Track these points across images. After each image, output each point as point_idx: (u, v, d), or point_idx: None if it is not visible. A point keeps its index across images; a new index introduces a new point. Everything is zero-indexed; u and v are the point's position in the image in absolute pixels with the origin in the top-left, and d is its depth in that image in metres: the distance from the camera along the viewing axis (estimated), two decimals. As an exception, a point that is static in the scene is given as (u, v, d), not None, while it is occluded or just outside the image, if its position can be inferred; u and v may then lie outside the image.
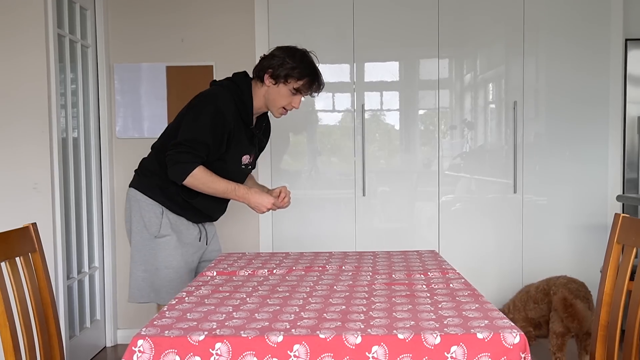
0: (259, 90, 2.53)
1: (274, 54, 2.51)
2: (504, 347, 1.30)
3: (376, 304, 1.60)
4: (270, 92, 2.51)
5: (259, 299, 1.69)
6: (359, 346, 1.30)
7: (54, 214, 3.23)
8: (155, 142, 2.67)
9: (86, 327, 3.78)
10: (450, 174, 4.08)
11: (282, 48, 2.53)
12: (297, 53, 2.51)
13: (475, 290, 1.73)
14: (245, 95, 2.51)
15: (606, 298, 1.99)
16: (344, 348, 1.31)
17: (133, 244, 2.62)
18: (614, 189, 4.02)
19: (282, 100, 2.52)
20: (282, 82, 2.48)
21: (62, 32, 3.42)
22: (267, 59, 2.51)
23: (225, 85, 2.54)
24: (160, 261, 2.55)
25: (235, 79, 2.56)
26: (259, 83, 2.53)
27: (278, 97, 2.51)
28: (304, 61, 2.50)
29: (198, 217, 2.64)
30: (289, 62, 2.46)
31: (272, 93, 2.51)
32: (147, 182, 2.61)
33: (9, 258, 1.84)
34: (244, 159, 2.58)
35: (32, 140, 3.20)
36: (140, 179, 2.65)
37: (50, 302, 2.00)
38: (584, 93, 4.01)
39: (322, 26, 3.99)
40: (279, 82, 2.48)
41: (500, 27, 4.02)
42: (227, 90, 2.50)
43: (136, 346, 1.33)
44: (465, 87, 4.09)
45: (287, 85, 2.48)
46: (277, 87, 2.49)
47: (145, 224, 2.56)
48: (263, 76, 2.50)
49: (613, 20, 3.97)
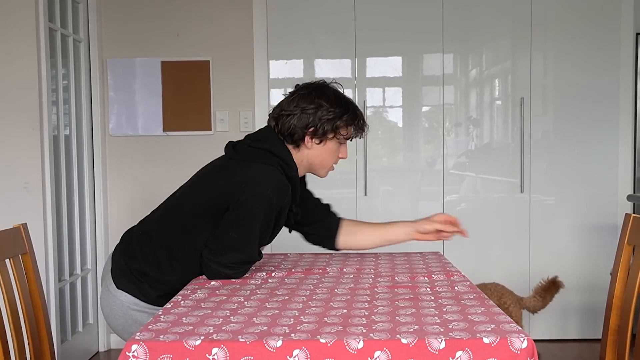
0: (296, 156, 2.10)
1: (303, 108, 2.04)
2: (511, 352, 1.29)
3: (378, 307, 1.60)
4: (316, 155, 2.09)
5: (257, 302, 1.68)
6: (360, 351, 1.30)
7: (45, 214, 3.23)
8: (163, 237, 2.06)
9: (78, 331, 3.78)
10: (455, 173, 4.07)
11: (306, 95, 2.06)
12: (329, 92, 2.08)
13: (481, 294, 1.72)
14: (292, 168, 2.06)
15: (616, 301, 1.99)
16: (345, 353, 1.30)
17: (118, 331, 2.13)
18: (625, 188, 4.01)
19: (332, 158, 2.13)
20: (331, 138, 2.07)
21: (53, 26, 3.42)
22: (297, 116, 2.04)
23: (275, 163, 2.02)
24: None
25: (276, 151, 2.05)
26: (290, 147, 2.09)
27: (327, 156, 2.11)
28: (342, 100, 2.08)
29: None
30: (331, 109, 2.03)
31: (318, 155, 2.10)
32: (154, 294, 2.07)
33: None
34: None
35: (22, 138, 3.20)
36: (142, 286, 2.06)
37: (41, 306, 2.00)
38: (593, 89, 4.00)
39: (323, 20, 3.99)
40: (326, 138, 2.07)
41: (507, 21, 4.02)
42: (278, 169, 2.02)
43: (130, 351, 1.33)
44: (470, 83, 4.09)
45: (336, 138, 2.08)
46: (323, 145, 2.08)
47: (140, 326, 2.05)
48: (300, 139, 2.06)
49: (623, 13, 3.96)
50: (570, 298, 4.08)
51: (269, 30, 3.98)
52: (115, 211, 4.03)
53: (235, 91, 3.99)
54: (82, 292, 3.84)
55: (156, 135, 4.02)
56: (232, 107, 4.00)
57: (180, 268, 2.03)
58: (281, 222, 2.12)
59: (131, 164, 4.04)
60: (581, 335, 4.10)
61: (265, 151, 2.04)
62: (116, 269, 2.10)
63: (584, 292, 4.07)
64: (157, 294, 2.05)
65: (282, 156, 2.04)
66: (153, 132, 4.02)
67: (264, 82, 4.00)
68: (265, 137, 2.09)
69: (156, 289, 2.05)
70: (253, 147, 2.07)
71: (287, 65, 4.05)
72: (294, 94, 2.09)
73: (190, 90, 3.99)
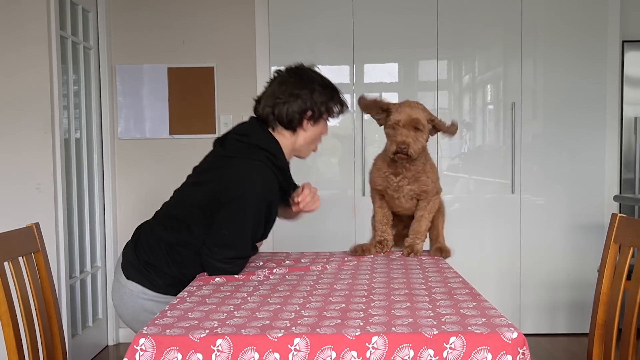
0: (288, 141, 2.10)
1: (298, 94, 2.05)
2: (503, 341, 1.30)
3: (375, 302, 1.60)
4: (309, 135, 2.11)
5: (260, 297, 1.69)
6: (359, 337, 1.31)
7: (56, 214, 3.23)
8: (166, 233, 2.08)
9: (88, 326, 3.79)
10: (449, 175, 4.08)
11: (297, 82, 2.07)
12: (315, 75, 2.10)
13: (473, 289, 1.73)
14: (279, 159, 2.05)
15: (603, 297, 1.99)
16: (344, 340, 1.31)
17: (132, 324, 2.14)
18: (611, 189, 4.02)
19: (318, 137, 2.16)
20: (324, 118, 2.11)
21: (64, 34, 3.43)
22: (291, 102, 2.04)
23: (262, 157, 2.01)
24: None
25: (262, 144, 2.04)
26: (285, 132, 2.09)
27: (315, 136, 2.13)
28: (325, 80, 2.12)
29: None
30: (323, 91, 2.08)
31: (310, 135, 2.11)
32: (162, 282, 2.08)
33: (12, 258, 1.84)
34: None
35: (34, 141, 3.20)
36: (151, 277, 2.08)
37: (52, 301, 2.00)
38: (581, 94, 4.01)
39: (322, 27, 4.00)
40: (321, 119, 2.10)
41: (499, 29, 4.02)
42: (266, 163, 2.01)
43: (138, 344, 1.33)
44: (463, 89, 4.09)
45: (329, 117, 2.13)
46: (317, 126, 2.11)
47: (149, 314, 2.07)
48: (299, 123, 2.07)
49: (610, 22, 3.97)
50: (559, 294, 4.08)
51: (271, 38, 3.98)
52: (123, 211, 4.04)
53: (238, 96, 3.99)
54: (92, 289, 3.85)
55: (163, 138, 4.03)
56: (235, 111, 4.00)
57: (182, 263, 2.06)
58: (273, 216, 2.11)
59: (139, 166, 4.04)
60: (570, 330, 4.10)
61: (252, 146, 2.03)
62: (126, 261, 2.13)
63: (573, 289, 4.08)
64: (164, 282, 2.07)
65: (270, 149, 2.03)
66: (160, 135, 4.02)
67: (266, 88, 4.00)
68: (252, 131, 2.08)
69: (163, 279, 2.07)
70: (240, 141, 2.06)
71: (288, 72, 4.05)
72: (282, 81, 2.08)
73: (196, 95, 3.99)
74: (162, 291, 2.08)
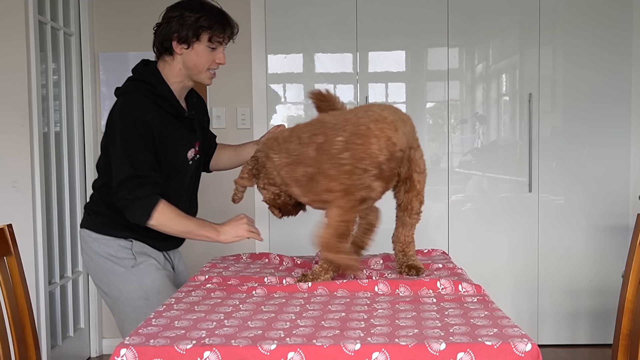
0: (172, 67, 2.32)
1: (169, 17, 2.29)
2: (515, 355, 1.29)
3: (378, 310, 1.59)
4: (187, 60, 2.30)
5: (253, 305, 1.68)
6: (358, 352, 1.30)
7: (34, 214, 3.23)
8: (95, 182, 2.45)
9: (69, 336, 3.78)
10: (461, 172, 4.07)
11: (173, 7, 2.32)
12: (193, 2, 2.32)
13: (486, 296, 1.72)
14: (158, 86, 2.30)
15: (628, 305, 1.98)
16: (342, 354, 1.30)
17: (108, 289, 2.37)
18: (637, 188, 4.01)
19: (204, 62, 2.32)
20: (195, 41, 2.28)
21: (43, 19, 3.42)
22: (164, 27, 2.30)
23: (132, 88, 2.30)
24: (148, 289, 2.31)
25: (137, 76, 2.34)
26: (167, 59, 2.32)
27: (198, 60, 2.31)
28: (205, 6, 2.32)
29: (163, 244, 2.43)
30: (191, 15, 2.27)
31: (189, 60, 2.30)
32: (100, 222, 2.39)
33: (-17, 261, 1.83)
34: (190, 153, 2.37)
35: (11, 135, 3.20)
36: (91, 219, 2.43)
37: (27, 310, 1.99)
38: (604, 85, 3.99)
39: (323, 13, 3.98)
40: (191, 42, 2.28)
41: (514, 14, 4.01)
42: (137, 92, 2.28)
43: (119, 356, 1.33)
44: (476, 78, 4.08)
45: (201, 41, 2.28)
46: (191, 50, 2.29)
47: (115, 260, 2.34)
48: (170, 47, 2.29)
49: (636, 6, 3.95)
50: (580, 302, 4.07)
51: (267, 22, 3.97)
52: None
53: (232, 87, 3.98)
54: (73, 296, 3.84)
55: (150, 133, 4.01)
56: (228, 104, 3.99)
57: (111, 203, 2.29)
58: (169, 141, 2.28)
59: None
60: (591, 341, 4.09)
61: (130, 81, 2.34)
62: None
63: (595, 296, 4.06)
64: (101, 222, 2.39)
65: (146, 79, 2.30)
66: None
67: (262, 77, 3.99)
68: (135, 69, 2.37)
69: (100, 218, 2.39)
70: (125, 83, 2.36)
71: (286, 60, 4.04)
72: (170, 7, 2.33)
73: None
74: (102, 232, 2.37)
